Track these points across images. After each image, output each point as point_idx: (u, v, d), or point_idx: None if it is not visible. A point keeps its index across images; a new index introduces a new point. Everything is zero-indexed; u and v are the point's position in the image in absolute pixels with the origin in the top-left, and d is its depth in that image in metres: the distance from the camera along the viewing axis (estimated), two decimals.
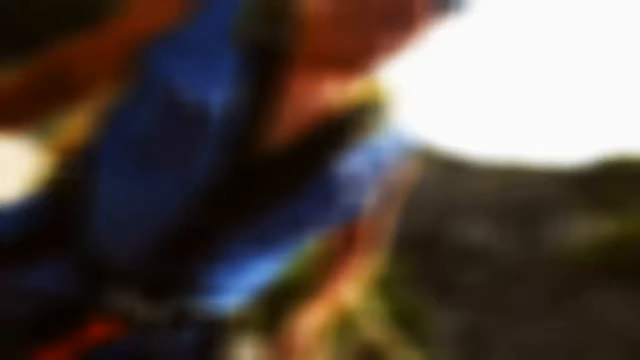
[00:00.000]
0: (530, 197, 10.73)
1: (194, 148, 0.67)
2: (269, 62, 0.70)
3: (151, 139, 0.68)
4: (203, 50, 0.69)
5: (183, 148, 0.67)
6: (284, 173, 0.71)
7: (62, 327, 0.69)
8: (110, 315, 0.69)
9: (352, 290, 0.97)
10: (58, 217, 0.71)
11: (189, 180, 0.68)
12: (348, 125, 0.73)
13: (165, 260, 0.70)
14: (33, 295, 0.69)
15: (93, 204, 0.69)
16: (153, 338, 0.73)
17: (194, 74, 0.68)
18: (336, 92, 0.73)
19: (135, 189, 0.69)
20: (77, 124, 0.74)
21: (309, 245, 0.86)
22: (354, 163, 0.73)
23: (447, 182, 11.09)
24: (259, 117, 0.69)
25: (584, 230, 9.85)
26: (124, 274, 0.69)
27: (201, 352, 0.77)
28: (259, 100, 0.69)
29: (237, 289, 0.78)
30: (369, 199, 0.78)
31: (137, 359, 0.73)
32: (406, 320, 6.36)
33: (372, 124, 0.75)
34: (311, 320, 0.85)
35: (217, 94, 0.67)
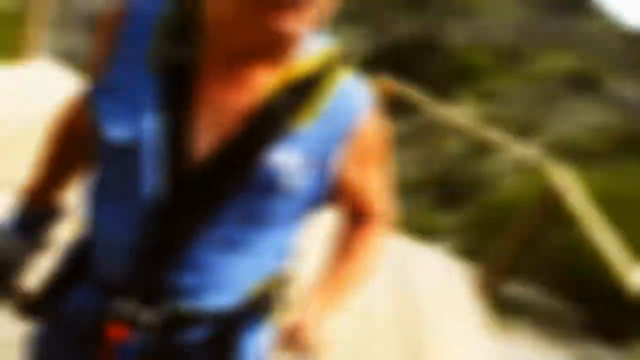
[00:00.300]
0: None
1: (135, 174, 0.79)
2: (181, 77, 0.78)
3: (104, 178, 0.85)
4: (126, 83, 0.79)
5: (127, 178, 0.80)
6: (222, 173, 0.79)
7: (96, 333, 0.88)
8: (121, 321, 0.86)
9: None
10: (83, 254, 0.93)
11: (140, 202, 0.80)
12: (277, 112, 0.79)
13: (144, 272, 0.85)
14: (76, 313, 0.91)
15: (93, 238, 0.90)
16: (159, 338, 0.89)
17: (120, 112, 0.78)
18: (259, 84, 0.80)
19: (106, 219, 0.86)
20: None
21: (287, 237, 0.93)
22: (290, 146, 0.80)
23: None
24: (183, 131, 0.77)
25: None
26: (123, 287, 0.86)
27: (211, 348, 0.91)
28: (180, 115, 0.78)
29: (225, 289, 0.89)
30: (337, 161, 0.85)
31: (150, 356, 0.89)
32: None
33: (305, 107, 0.81)
34: (320, 308, 0.88)
35: (144, 123, 0.77)
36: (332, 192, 0.90)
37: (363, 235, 1.00)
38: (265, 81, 0.80)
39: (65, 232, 1.03)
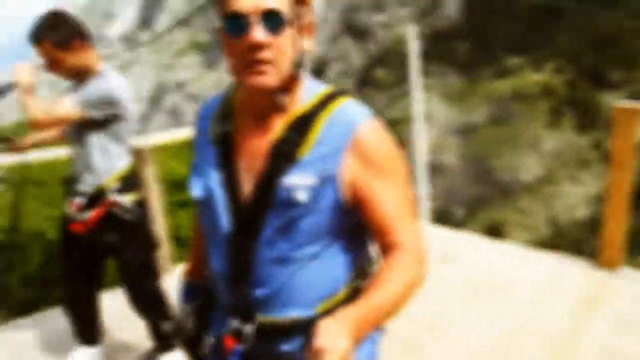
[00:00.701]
0: None
1: (215, 219, 1.18)
2: (227, 143, 1.19)
3: (206, 228, 1.27)
4: (201, 160, 1.24)
5: (213, 222, 1.20)
6: (257, 201, 1.12)
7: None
8: (230, 334, 1.17)
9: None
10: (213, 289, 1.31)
11: (222, 238, 1.18)
12: (283, 147, 1.11)
13: (236, 292, 1.17)
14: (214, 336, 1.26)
15: (211, 272, 1.27)
16: (258, 346, 1.15)
17: (199, 179, 1.22)
18: (274, 129, 1.14)
19: (212, 256, 1.24)
20: None
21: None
22: (298, 169, 1.10)
23: None
24: (233, 181, 1.16)
25: None
26: (230, 307, 1.19)
27: (298, 355, 1.14)
28: (229, 170, 1.17)
29: (298, 301, 1.12)
30: (345, 171, 1.09)
31: None
32: None
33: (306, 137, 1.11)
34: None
35: (210, 182, 1.19)
36: (352, 203, 1.10)
37: (390, 266, 1.06)
38: (277, 126, 1.14)
39: None
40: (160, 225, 3.74)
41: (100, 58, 2.43)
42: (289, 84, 1.11)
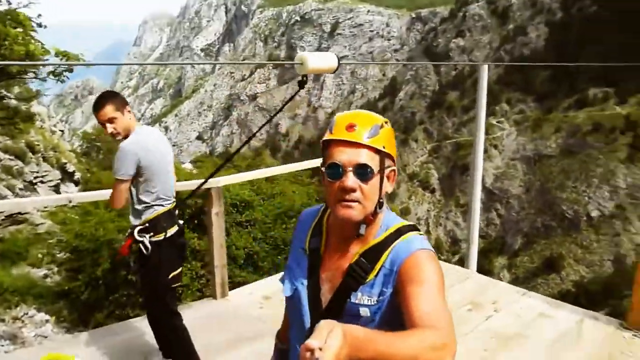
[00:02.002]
0: None
1: (299, 314, 1.48)
2: (316, 255, 1.49)
3: (290, 318, 1.57)
4: (294, 263, 1.55)
5: (297, 316, 1.50)
6: (333, 310, 1.39)
7: None
8: None
9: None
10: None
11: (304, 330, 1.46)
12: (356, 272, 1.38)
13: None
14: None
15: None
16: None
17: (290, 279, 1.53)
18: (352, 254, 1.42)
19: (291, 340, 1.58)
20: None
21: None
22: (365, 290, 1.37)
23: None
24: (317, 288, 1.45)
25: None
26: None
27: None
28: (315, 278, 1.46)
29: None
30: (394, 293, 1.33)
31: None
32: None
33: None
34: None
35: (299, 285, 1.49)
36: (398, 314, 1.28)
37: (417, 332, 1.12)
38: (355, 252, 1.41)
39: None
40: (218, 256, 4.18)
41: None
42: (369, 219, 1.39)
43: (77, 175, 20.28)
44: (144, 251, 2.93)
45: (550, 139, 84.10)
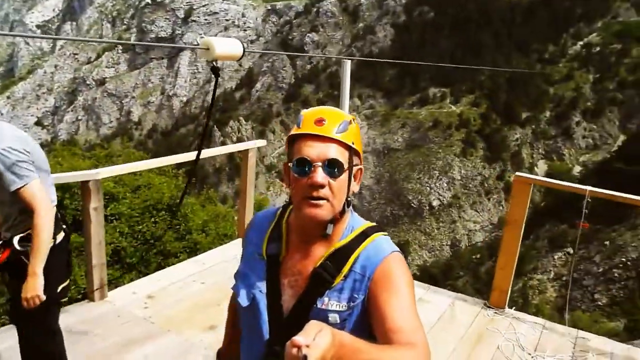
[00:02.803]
0: None
1: (256, 325, 1.37)
2: (276, 261, 1.39)
3: (243, 328, 1.45)
4: (247, 270, 1.43)
5: (253, 327, 1.39)
6: (295, 316, 1.30)
7: None
8: None
9: None
10: None
11: (260, 341, 1.36)
12: (322, 275, 1.31)
13: None
14: None
15: None
16: None
17: (244, 288, 1.41)
18: (317, 256, 1.34)
19: (244, 351, 1.45)
20: None
21: None
22: (332, 294, 1.30)
23: None
24: (277, 295, 1.35)
25: None
26: None
27: None
28: (274, 285, 1.36)
29: None
30: (367, 299, 1.27)
31: None
32: None
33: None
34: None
35: (256, 293, 1.37)
36: (369, 321, 1.26)
37: (401, 348, 1.11)
38: (320, 255, 1.34)
39: None
40: (97, 255, 3.87)
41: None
42: (337, 218, 1.33)
43: None
44: (27, 263, 2.37)
45: (397, 133, 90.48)
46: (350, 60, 5.07)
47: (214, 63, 2.11)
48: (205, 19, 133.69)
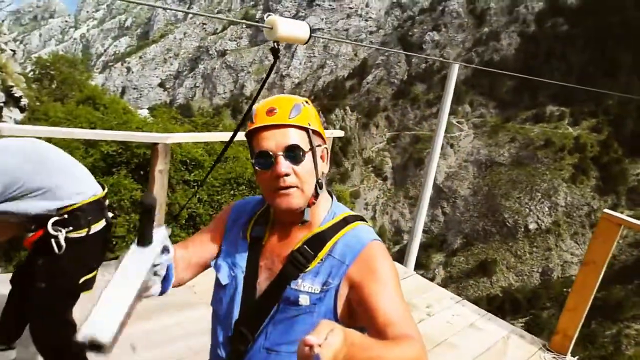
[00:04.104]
0: None
1: (231, 303, 1.36)
2: (258, 242, 1.39)
3: (216, 302, 1.42)
4: (230, 250, 1.42)
5: (227, 304, 1.37)
6: (269, 298, 1.30)
7: None
8: None
9: None
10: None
11: (231, 319, 1.35)
12: (298, 258, 1.30)
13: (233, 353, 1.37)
14: None
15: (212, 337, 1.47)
16: None
17: (226, 266, 1.39)
18: (295, 241, 1.33)
19: (214, 327, 1.44)
20: None
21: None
22: (307, 277, 1.28)
23: None
24: (254, 275, 1.35)
25: None
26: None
27: None
28: (253, 265, 1.36)
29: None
30: (346, 286, 1.26)
31: None
32: None
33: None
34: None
35: (237, 272, 1.37)
36: (353, 306, 1.26)
37: (402, 343, 1.10)
38: (299, 239, 1.33)
39: None
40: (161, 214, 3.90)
41: None
42: (312, 202, 1.31)
43: (24, 102, 19.22)
44: (56, 249, 2.21)
45: (504, 147, 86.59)
46: (458, 65, 4.91)
47: (275, 44, 2.02)
48: (330, 5, 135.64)
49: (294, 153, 1.26)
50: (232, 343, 1.36)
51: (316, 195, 1.32)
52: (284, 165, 1.24)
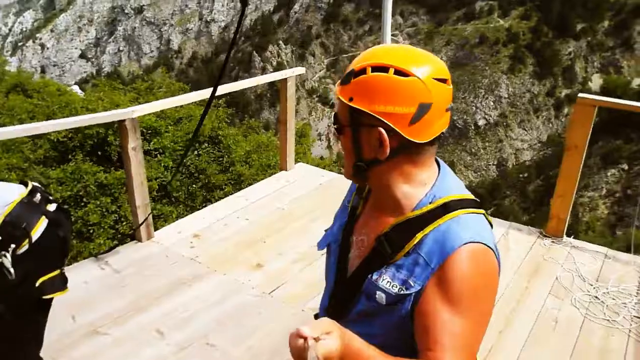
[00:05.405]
0: None
1: (329, 269, 1.31)
2: (354, 213, 1.29)
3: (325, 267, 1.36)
4: (337, 217, 1.36)
5: (328, 268, 1.33)
6: (355, 283, 1.18)
7: None
8: None
9: None
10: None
11: (330, 283, 1.30)
12: (384, 245, 1.14)
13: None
14: None
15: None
16: None
17: (329, 232, 1.35)
18: (386, 223, 1.16)
19: (325, 291, 1.34)
20: None
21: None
22: (388, 270, 1.12)
23: None
24: (348, 246, 1.25)
25: None
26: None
27: None
28: (348, 236, 1.27)
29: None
30: (423, 293, 1.06)
31: None
32: None
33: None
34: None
35: (334, 238, 1.31)
36: (414, 320, 1.09)
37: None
38: (388, 222, 1.16)
39: None
40: (139, 195, 3.74)
41: None
42: (357, 182, 1.25)
43: None
44: (9, 276, 1.87)
45: (441, 51, 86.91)
46: None
47: None
48: None
49: (335, 124, 1.15)
50: (327, 312, 1.27)
51: (360, 178, 1.18)
52: (333, 132, 1.16)
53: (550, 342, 2.99)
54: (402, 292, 1.08)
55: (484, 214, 1.15)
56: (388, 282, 1.10)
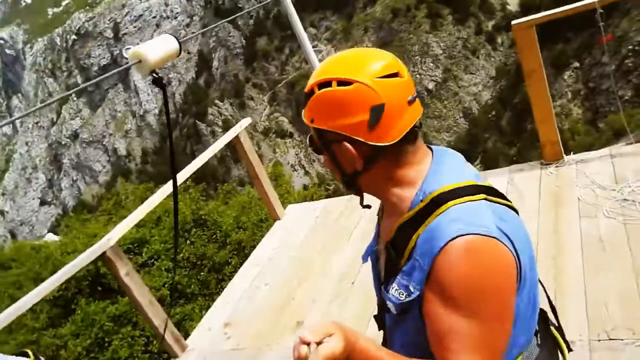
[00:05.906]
0: None
1: (374, 279, 1.28)
2: (378, 224, 1.28)
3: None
4: (376, 227, 1.31)
5: (373, 279, 1.29)
6: (383, 291, 1.14)
7: None
8: None
9: None
10: None
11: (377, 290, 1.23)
12: (391, 251, 1.10)
13: None
14: None
15: None
16: None
17: (368, 248, 1.31)
18: (390, 228, 1.12)
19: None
20: None
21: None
22: (396, 278, 1.06)
23: None
24: (377, 255, 1.24)
25: None
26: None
27: None
28: (376, 247, 1.27)
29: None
30: (420, 287, 1.00)
31: None
32: None
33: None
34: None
35: (371, 249, 1.29)
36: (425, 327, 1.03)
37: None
38: (395, 227, 1.11)
39: None
40: (154, 315, 3.55)
41: None
42: (355, 192, 1.20)
43: None
44: None
45: (363, 40, 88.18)
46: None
47: (154, 74, 1.71)
48: (134, 27, 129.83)
49: (311, 146, 1.17)
50: (377, 324, 1.30)
51: (355, 190, 1.18)
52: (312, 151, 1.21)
53: (606, 264, 2.87)
54: (406, 299, 1.03)
55: (484, 198, 1.04)
56: (396, 290, 1.06)
